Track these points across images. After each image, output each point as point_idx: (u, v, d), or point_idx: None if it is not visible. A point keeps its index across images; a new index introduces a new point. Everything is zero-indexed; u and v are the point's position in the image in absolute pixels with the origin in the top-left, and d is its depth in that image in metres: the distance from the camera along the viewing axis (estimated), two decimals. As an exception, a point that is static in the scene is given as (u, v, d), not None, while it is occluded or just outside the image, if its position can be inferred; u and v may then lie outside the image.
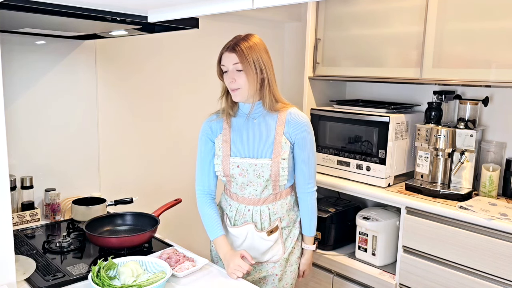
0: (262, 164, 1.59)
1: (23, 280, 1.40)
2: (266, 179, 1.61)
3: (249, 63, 1.55)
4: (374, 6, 2.37)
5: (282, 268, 1.71)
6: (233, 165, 1.62)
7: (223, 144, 1.65)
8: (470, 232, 1.90)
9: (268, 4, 1.02)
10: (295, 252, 1.74)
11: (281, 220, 1.69)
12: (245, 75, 1.55)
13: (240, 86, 1.57)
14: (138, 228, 1.78)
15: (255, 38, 1.60)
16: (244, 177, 1.62)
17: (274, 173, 1.60)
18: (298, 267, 1.78)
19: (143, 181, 2.49)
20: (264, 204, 1.65)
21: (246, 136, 1.64)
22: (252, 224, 1.65)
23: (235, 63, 1.56)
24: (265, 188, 1.63)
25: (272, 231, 1.66)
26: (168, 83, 2.53)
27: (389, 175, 2.32)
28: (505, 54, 1.93)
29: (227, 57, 1.57)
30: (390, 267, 2.30)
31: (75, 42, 2.11)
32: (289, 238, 1.72)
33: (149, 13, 1.39)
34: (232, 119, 1.68)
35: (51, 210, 2.03)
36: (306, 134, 1.64)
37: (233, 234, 1.68)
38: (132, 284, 1.28)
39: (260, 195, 1.64)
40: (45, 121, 2.07)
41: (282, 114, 1.63)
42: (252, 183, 1.62)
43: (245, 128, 1.65)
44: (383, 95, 2.76)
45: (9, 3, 1.11)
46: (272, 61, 1.64)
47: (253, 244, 1.67)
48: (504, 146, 2.25)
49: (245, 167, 1.61)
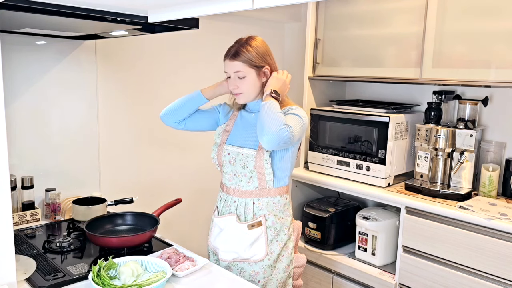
0: (247, 154, 1.60)
1: (24, 280, 1.40)
2: (250, 170, 1.60)
3: (250, 70, 1.58)
4: (374, 6, 2.37)
5: (266, 275, 1.64)
6: (225, 152, 1.67)
7: (223, 133, 1.71)
8: (470, 232, 1.90)
9: (268, 4, 1.02)
10: (283, 260, 1.66)
11: (266, 218, 1.63)
12: (247, 81, 1.59)
13: (243, 91, 1.61)
14: (138, 228, 1.78)
15: (256, 41, 1.60)
16: (232, 165, 1.64)
17: (258, 165, 1.59)
18: (287, 277, 1.69)
19: (143, 181, 2.49)
20: (249, 197, 1.63)
21: (242, 128, 1.68)
22: (235, 215, 1.64)
23: (236, 71, 1.58)
24: (250, 180, 1.62)
25: (253, 225, 1.62)
26: (168, 84, 2.53)
27: (389, 175, 2.33)
28: (505, 54, 1.93)
29: (229, 65, 1.60)
30: (390, 267, 2.31)
31: (75, 42, 2.11)
32: (276, 241, 1.64)
33: (149, 13, 1.39)
34: (240, 113, 1.74)
35: (51, 210, 2.03)
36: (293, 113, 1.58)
37: (216, 223, 1.70)
38: (132, 284, 1.28)
39: (245, 186, 1.63)
40: (46, 121, 2.07)
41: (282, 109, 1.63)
42: (238, 173, 1.64)
43: (245, 121, 1.70)
44: (383, 95, 2.76)
45: (9, 3, 1.11)
46: (275, 62, 1.65)
47: (233, 235, 1.64)
48: (504, 146, 2.25)
49: (234, 155, 1.64)
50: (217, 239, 1.70)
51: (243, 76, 1.58)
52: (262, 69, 1.61)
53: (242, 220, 1.64)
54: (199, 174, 2.72)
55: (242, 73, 1.58)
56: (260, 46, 1.60)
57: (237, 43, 1.61)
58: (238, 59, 1.57)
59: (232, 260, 1.65)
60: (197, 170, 2.72)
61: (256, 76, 1.60)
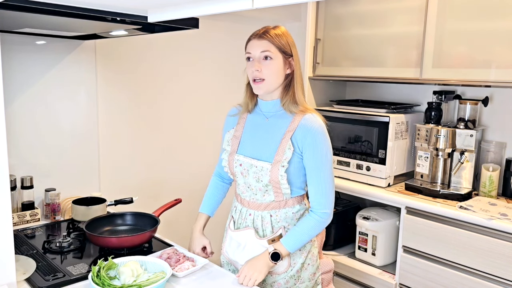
0: (262, 167, 1.46)
1: (23, 280, 1.40)
2: (265, 184, 1.47)
3: (278, 54, 1.43)
4: (374, 6, 2.37)
5: (289, 285, 1.52)
6: (237, 163, 1.53)
7: (232, 140, 1.57)
8: (470, 232, 1.90)
9: (268, 4, 1.02)
10: (308, 269, 1.54)
11: (286, 229, 1.50)
12: (272, 64, 1.43)
13: (265, 77, 1.43)
14: (138, 228, 1.78)
15: (285, 30, 1.48)
16: (245, 177, 1.51)
17: (273, 179, 1.45)
18: (314, 284, 1.57)
19: (143, 181, 2.49)
20: (266, 210, 1.50)
21: (255, 135, 1.53)
22: (253, 229, 1.52)
23: (264, 51, 1.42)
24: (265, 193, 1.49)
25: (274, 240, 1.49)
26: (168, 83, 2.53)
27: (389, 175, 2.33)
28: (505, 54, 1.93)
29: (255, 44, 1.44)
30: (390, 267, 2.31)
31: (75, 42, 2.11)
32: (298, 251, 1.51)
33: (149, 13, 1.39)
34: (249, 115, 1.58)
35: (51, 210, 2.03)
36: (316, 142, 1.43)
37: (234, 238, 1.58)
38: (132, 284, 1.28)
39: (261, 199, 1.51)
40: (45, 121, 2.07)
41: (297, 117, 1.46)
42: (252, 186, 1.50)
43: (257, 126, 1.54)
44: (383, 95, 2.76)
45: (9, 3, 1.11)
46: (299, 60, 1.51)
47: (253, 251, 1.51)
48: (504, 146, 2.25)
49: (247, 167, 1.50)
50: (236, 253, 1.58)
51: (270, 57, 1.42)
52: (289, 58, 1.46)
53: (260, 235, 1.52)
54: (199, 174, 2.72)
55: (271, 54, 1.42)
56: (288, 36, 1.47)
57: (265, 27, 1.47)
58: (268, 39, 1.42)
59: None
60: (197, 170, 2.71)
61: (282, 62, 1.44)
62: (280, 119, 1.49)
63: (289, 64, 1.47)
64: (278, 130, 1.48)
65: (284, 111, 1.49)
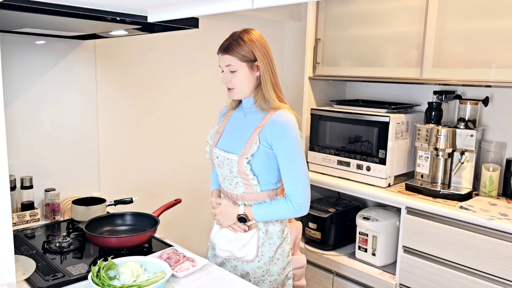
0: (231, 159, 1.58)
1: (23, 280, 1.40)
2: (235, 175, 1.59)
3: (241, 64, 1.55)
4: (374, 6, 2.37)
5: (256, 275, 1.62)
6: (214, 155, 1.66)
7: (215, 135, 1.71)
8: (470, 232, 1.90)
9: (268, 4, 1.02)
10: (278, 263, 1.63)
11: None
12: (238, 75, 1.56)
13: (235, 86, 1.58)
14: (138, 228, 1.78)
15: (252, 35, 1.56)
16: (222, 168, 1.63)
17: (240, 171, 1.56)
18: (284, 279, 1.67)
19: (143, 181, 2.49)
20: (240, 201, 1.62)
21: (234, 130, 1.66)
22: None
23: (228, 65, 1.56)
24: (237, 185, 1.61)
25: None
26: (168, 83, 2.53)
27: (389, 175, 2.32)
28: (505, 54, 1.93)
29: (221, 59, 1.58)
30: (390, 267, 2.30)
31: (75, 42, 2.11)
32: (268, 244, 1.61)
33: (149, 13, 1.39)
34: (234, 112, 1.71)
35: (51, 210, 2.02)
36: (284, 135, 1.52)
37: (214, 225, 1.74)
38: (132, 284, 1.28)
39: (235, 191, 1.63)
40: (45, 121, 2.07)
41: (268, 114, 1.57)
42: (227, 177, 1.63)
43: (237, 122, 1.67)
44: (383, 95, 2.76)
45: (9, 3, 1.11)
46: (271, 58, 1.59)
47: (227, 236, 1.66)
48: (504, 146, 2.25)
49: (222, 160, 1.62)
50: (216, 235, 1.72)
51: (234, 70, 1.55)
52: (254, 63, 1.56)
53: None
54: (199, 174, 2.72)
55: (233, 67, 1.55)
56: (254, 39, 1.55)
57: (231, 36, 1.58)
58: (229, 53, 1.54)
59: (226, 257, 1.68)
60: (196, 170, 2.71)
61: (248, 70, 1.56)
62: (255, 115, 1.61)
63: (257, 67, 1.57)
64: (251, 125, 1.61)
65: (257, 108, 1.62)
